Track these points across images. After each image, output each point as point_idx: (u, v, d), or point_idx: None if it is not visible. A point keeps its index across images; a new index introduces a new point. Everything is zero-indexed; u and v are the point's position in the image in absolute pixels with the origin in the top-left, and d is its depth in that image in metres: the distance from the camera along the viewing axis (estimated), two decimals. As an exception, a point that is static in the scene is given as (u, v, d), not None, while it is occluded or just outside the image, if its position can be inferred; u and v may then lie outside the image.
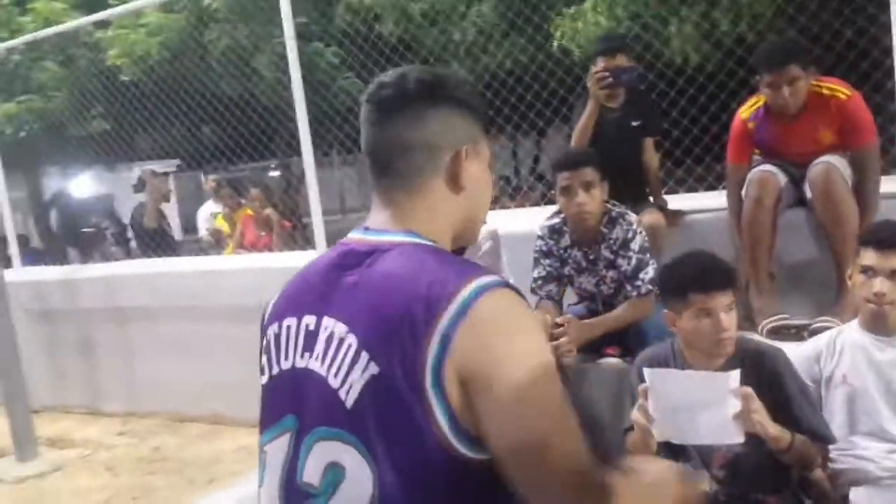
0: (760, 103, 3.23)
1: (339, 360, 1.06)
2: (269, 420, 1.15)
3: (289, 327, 1.14)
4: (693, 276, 2.17)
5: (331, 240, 4.90)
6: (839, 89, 3.09)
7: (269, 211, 6.17)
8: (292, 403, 1.11)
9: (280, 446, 1.12)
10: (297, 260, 4.94)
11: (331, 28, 7.75)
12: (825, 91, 3.09)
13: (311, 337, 1.09)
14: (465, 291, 1.02)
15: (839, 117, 3.08)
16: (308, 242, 5.55)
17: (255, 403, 1.19)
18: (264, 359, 1.18)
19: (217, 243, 6.56)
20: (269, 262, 4.92)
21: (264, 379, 1.18)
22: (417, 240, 1.14)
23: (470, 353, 1.00)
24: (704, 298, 2.14)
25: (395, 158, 1.15)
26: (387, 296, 1.05)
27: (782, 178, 3.22)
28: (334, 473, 1.05)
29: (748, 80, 3.75)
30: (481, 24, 7.48)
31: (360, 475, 1.03)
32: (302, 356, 1.11)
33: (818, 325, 2.91)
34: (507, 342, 1.01)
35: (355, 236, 1.17)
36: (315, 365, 1.08)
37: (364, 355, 1.04)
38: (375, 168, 1.17)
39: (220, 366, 4.69)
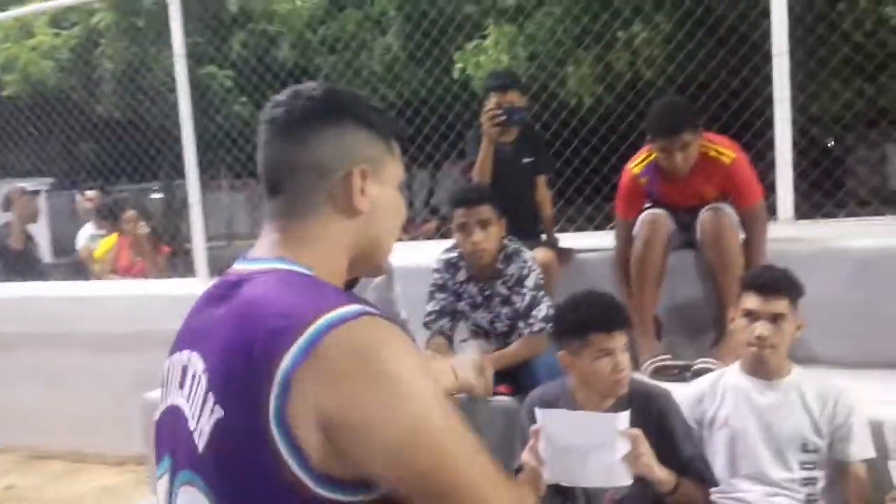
0: (650, 159, 3.25)
1: (196, 401, 0.99)
2: (156, 460, 1.10)
3: (175, 363, 1.09)
4: (595, 317, 2.17)
5: (214, 267, 4.74)
6: (725, 152, 3.14)
7: (143, 234, 5.83)
8: (169, 443, 1.06)
9: (162, 487, 1.07)
10: (173, 288, 4.73)
11: (225, 50, 7.54)
12: (712, 153, 3.14)
13: (184, 374, 1.05)
14: (314, 326, 0.92)
15: (724, 180, 3.16)
16: (189, 270, 5.32)
17: (121, 440, 1.10)
18: (159, 395, 1.14)
19: (91, 267, 6.17)
20: (143, 290, 4.69)
21: (156, 416, 1.13)
22: (287, 266, 1.04)
23: (324, 397, 0.90)
24: (606, 339, 2.14)
25: (283, 180, 1.08)
26: (236, 331, 0.98)
27: (672, 222, 3.28)
28: None
29: (638, 124, 3.84)
30: (383, 55, 7.46)
31: None
32: (177, 394, 1.05)
33: (699, 366, 2.95)
34: (369, 384, 0.91)
35: (235, 265, 1.11)
36: (183, 404, 1.03)
37: (210, 397, 0.97)
38: (266, 190, 1.10)
39: (85, 399, 4.41)
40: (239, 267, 1.09)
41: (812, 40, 4.76)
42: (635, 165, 3.31)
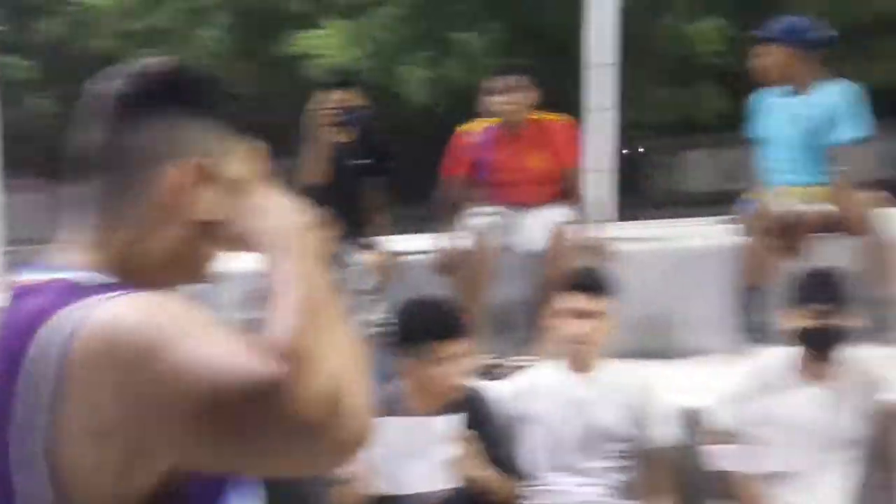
0: (486, 123, 3.47)
1: None
2: None
3: None
4: (435, 324, 2.16)
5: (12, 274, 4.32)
6: (558, 117, 3.48)
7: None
8: None
9: None
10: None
11: (33, 37, 6.94)
12: (546, 120, 3.45)
13: None
14: (57, 326, 0.78)
15: (555, 136, 3.43)
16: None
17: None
18: None
19: None
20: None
21: None
22: (65, 275, 0.87)
23: (90, 399, 0.76)
24: (447, 345, 2.13)
25: (95, 165, 0.91)
26: None
27: (500, 232, 3.36)
28: None
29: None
30: (210, 47, 7.13)
31: None
32: None
33: (515, 363, 3.00)
34: (136, 366, 0.75)
35: (22, 275, 0.92)
36: None
37: None
38: (76, 173, 0.92)
39: None
40: (23, 277, 0.91)
41: (634, 52, 5.01)
42: (468, 126, 3.56)
